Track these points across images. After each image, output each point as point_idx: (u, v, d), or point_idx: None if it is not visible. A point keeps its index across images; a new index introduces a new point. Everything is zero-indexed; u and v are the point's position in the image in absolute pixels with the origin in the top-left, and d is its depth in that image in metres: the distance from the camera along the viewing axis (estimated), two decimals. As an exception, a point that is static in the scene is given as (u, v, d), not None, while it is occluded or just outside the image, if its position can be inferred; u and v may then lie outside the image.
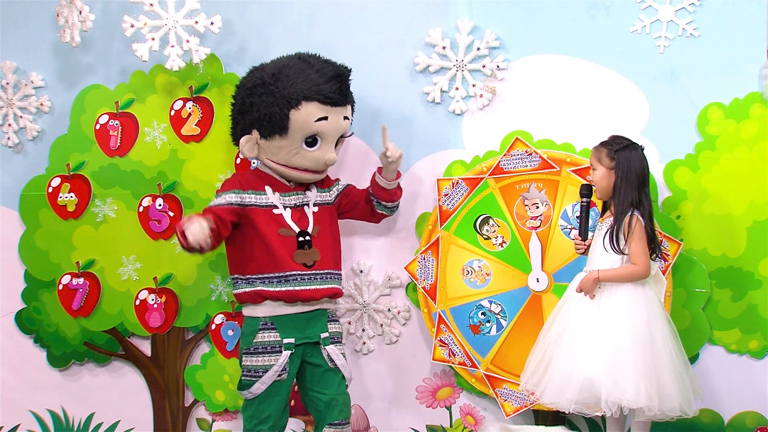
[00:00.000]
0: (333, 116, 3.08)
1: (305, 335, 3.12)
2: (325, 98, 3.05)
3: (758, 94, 3.28)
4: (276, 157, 3.14)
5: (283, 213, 3.14)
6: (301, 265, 3.09)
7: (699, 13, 3.31)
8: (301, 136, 3.09)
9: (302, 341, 3.11)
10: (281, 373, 3.08)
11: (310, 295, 3.09)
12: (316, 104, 3.05)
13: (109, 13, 3.59)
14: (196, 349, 3.64)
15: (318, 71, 3.07)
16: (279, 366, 3.07)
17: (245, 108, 3.14)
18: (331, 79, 3.06)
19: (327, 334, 3.15)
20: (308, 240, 3.12)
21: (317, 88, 3.05)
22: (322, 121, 3.07)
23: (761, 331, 3.29)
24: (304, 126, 3.07)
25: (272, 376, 3.07)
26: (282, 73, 3.08)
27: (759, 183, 3.27)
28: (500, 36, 3.42)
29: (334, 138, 3.15)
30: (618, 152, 3.01)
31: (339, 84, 3.07)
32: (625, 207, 2.99)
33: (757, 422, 3.33)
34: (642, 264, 2.97)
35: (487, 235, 3.42)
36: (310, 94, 3.04)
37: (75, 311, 3.63)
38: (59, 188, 3.64)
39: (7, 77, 3.70)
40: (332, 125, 3.10)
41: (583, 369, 2.92)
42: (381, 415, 3.57)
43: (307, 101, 3.05)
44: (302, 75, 3.06)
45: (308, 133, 3.08)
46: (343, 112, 3.13)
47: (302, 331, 3.11)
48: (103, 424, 3.71)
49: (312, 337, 3.13)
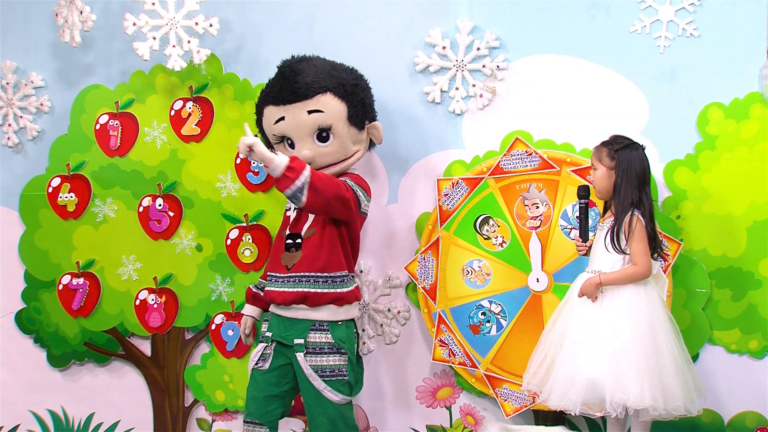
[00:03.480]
0: (289, 114, 3.07)
1: (282, 335, 3.08)
2: (273, 99, 3.09)
3: (758, 94, 3.28)
4: None
5: (291, 215, 3.16)
6: (284, 267, 3.09)
7: (699, 13, 3.32)
8: (274, 140, 3.16)
9: (278, 338, 3.09)
10: (259, 361, 3.09)
11: (281, 297, 3.06)
12: (271, 107, 3.11)
13: (109, 13, 3.59)
14: (196, 349, 3.64)
15: (276, 74, 3.13)
16: (255, 354, 3.11)
17: None
18: (278, 79, 3.09)
19: (302, 341, 3.02)
20: (297, 242, 3.09)
21: (267, 90, 3.13)
22: (280, 122, 3.09)
23: (761, 331, 3.29)
24: (269, 130, 3.15)
25: (251, 364, 3.12)
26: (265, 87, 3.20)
27: (759, 183, 3.27)
28: (500, 36, 3.43)
29: (303, 134, 3.08)
30: (618, 152, 3.01)
31: (286, 81, 3.06)
32: (626, 206, 2.98)
33: (757, 422, 3.33)
34: (643, 264, 2.97)
35: (487, 235, 3.42)
36: (263, 98, 3.14)
37: (75, 311, 3.63)
38: (59, 188, 3.64)
39: (7, 77, 3.70)
40: (290, 123, 3.07)
41: (587, 370, 2.91)
42: (381, 415, 3.57)
43: (264, 106, 3.13)
44: (269, 83, 3.16)
45: (276, 137, 3.14)
46: (303, 107, 3.05)
47: (282, 330, 3.08)
48: (103, 424, 3.71)
49: (286, 340, 3.06)
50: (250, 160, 3.30)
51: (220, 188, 3.57)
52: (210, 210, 3.58)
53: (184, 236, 3.60)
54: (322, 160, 3.11)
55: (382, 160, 3.52)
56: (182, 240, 3.60)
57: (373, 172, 3.52)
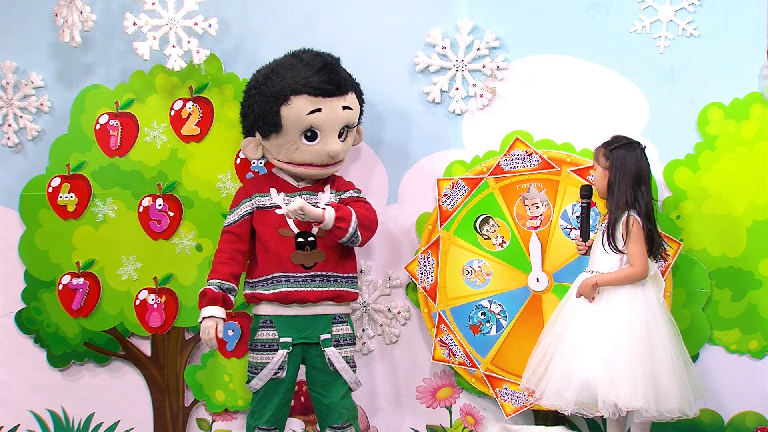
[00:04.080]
0: (327, 107, 3.05)
1: (304, 335, 3.10)
2: (314, 90, 3.03)
3: (758, 94, 3.28)
4: (279, 155, 3.14)
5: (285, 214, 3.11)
6: (299, 267, 3.08)
7: (699, 13, 3.32)
8: (296, 130, 3.07)
9: (300, 341, 3.10)
10: (277, 371, 3.08)
11: (304, 296, 3.07)
12: (305, 97, 3.03)
13: (109, 13, 3.59)
14: (196, 349, 3.64)
15: (307, 64, 3.05)
16: (274, 364, 3.08)
17: (245, 111, 3.18)
18: (319, 71, 3.04)
19: (329, 335, 3.11)
20: (311, 241, 3.10)
21: (305, 80, 3.03)
22: (315, 113, 3.04)
23: (761, 331, 3.29)
24: (297, 120, 3.05)
25: (268, 374, 3.08)
26: (273, 72, 3.09)
27: (759, 183, 3.27)
28: (500, 36, 3.43)
29: (335, 129, 3.10)
30: (613, 151, 3.01)
31: (328, 74, 3.04)
32: (620, 206, 2.98)
33: (757, 422, 3.33)
34: (639, 265, 2.97)
35: (487, 235, 3.42)
36: (298, 87, 3.03)
37: (75, 311, 3.62)
38: (59, 188, 3.64)
39: (7, 77, 3.70)
40: (327, 116, 3.06)
41: (582, 370, 2.92)
42: (381, 415, 3.57)
43: (295, 95, 3.03)
44: (291, 70, 3.06)
45: (303, 127, 3.06)
46: (340, 102, 3.08)
47: (302, 330, 3.10)
48: (103, 424, 3.71)
49: (311, 338, 3.11)
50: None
51: (220, 188, 3.57)
52: (210, 210, 3.58)
53: (184, 236, 3.60)
54: (340, 156, 3.16)
55: (382, 160, 3.52)
56: (182, 240, 3.60)
57: (374, 172, 3.52)
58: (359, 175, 3.45)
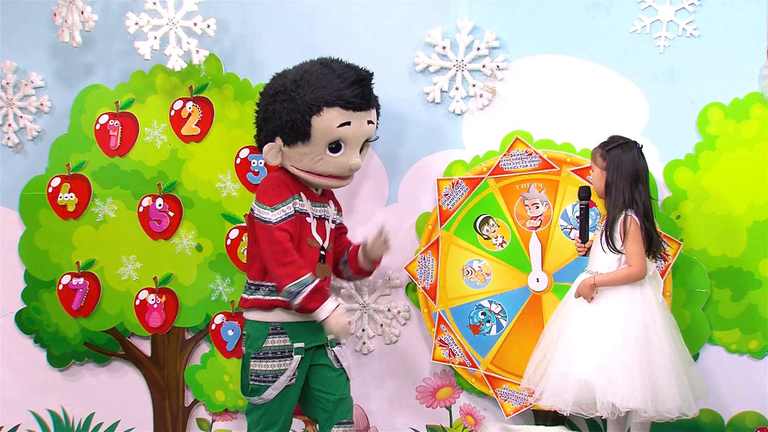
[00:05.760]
0: (356, 121, 3.02)
1: (315, 339, 3.08)
2: (347, 103, 2.99)
3: (758, 94, 3.28)
4: (300, 164, 3.07)
5: (312, 223, 3.08)
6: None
7: (699, 13, 3.31)
8: (324, 142, 3.02)
9: (312, 345, 3.08)
10: (291, 377, 3.05)
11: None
12: (338, 110, 2.99)
13: (109, 13, 3.59)
14: (196, 349, 3.64)
15: (339, 76, 3.00)
16: (291, 371, 3.03)
17: (268, 115, 3.07)
18: (352, 84, 3.00)
19: (332, 335, 3.11)
20: (323, 255, 3.11)
21: (339, 93, 2.98)
22: (344, 126, 3.01)
23: (761, 331, 3.29)
24: (327, 132, 3.01)
25: (284, 381, 3.02)
26: (303, 79, 3.02)
27: (759, 183, 3.27)
28: (500, 36, 3.42)
29: (358, 143, 3.08)
30: (609, 151, 3.02)
31: (361, 88, 3.01)
32: (618, 205, 2.98)
33: (757, 422, 3.33)
34: (637, 265, 2.97)
35: (487, 235, 3.42)
36: (332, 99, 2.98)
37: (75, 311, 3.63)
38: (59, 188, 3.64)
39: (7, 77, 3.70)
40: (355, 130, 3.04)
41: (580, 370, 2.92)
42: (381, 415, 3.57)
43: (328, 107, 2.98)
44: (324, 80, 3.00)
45: (331, 139, 3.02)
46: (366, 117, 3.06)
47: (314, 334, 3.07)
48: (103, 424, 3.71)
49: (321, 340, 3.10)
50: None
51: (220, 188, 3.57)
52: (210, 210, 3.58)
53: (184, 236, 3.60)
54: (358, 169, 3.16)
55: (382, 160, 3.52)
56: (182, 240, 3.60)
57: (373, 172, 3.52)
58: (359, 174, 3.44)
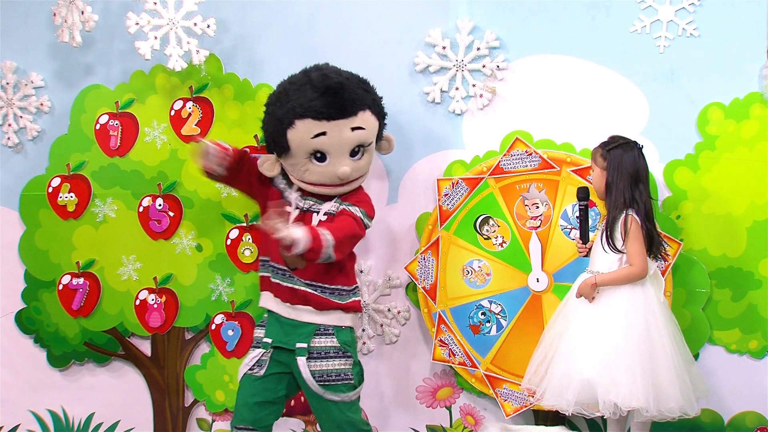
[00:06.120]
0: (332, 130, 2.96)
1: (283, 340, 3.04)
2: (317, 113, 2.94)
3: (758, 94, 3.28)
4: (292, 174, 3.09)
5: (291, 212, 3.07)
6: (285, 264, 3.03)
7: (699, 13, 3.32)
8: (303, 153, 3.00)
9: (278, 345, 3.05)
10: (253, 367, 3.06)
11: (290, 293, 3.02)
12: (309, 121, 2.95)
13: (109, 13, 3.59)
14: (196, 349, 3.64)
15: (314, 86, 2.96)
16: (249, 359, 3.08)
17: (262, 127, 3.11)
18: (324, 94, 2.95)
19: (305, 345, 3.00)
20: None
21: (309, 104, 2.94)
22: (320, 137, 2.96)
23: (761, 331, 3.29)
24: (303, 144, 2.98)
25: (243, 368, 3.08)
26: (285, 91, 3.02)
27: (759, 183, 3.27)
28: (500, 36, 3.43)
29: (343, 151, 3.02)
30: (609, 151, 3.02)
31: (331, 97, 2.95)
32: (619, 205, 2.99)
33: (757, 422, 3.33)
34: (638, 265, 2.97)
35: (487, 235, 3.42)
36: (302, 111, 2.95)
37: (75, 311, 3.62)
38: (59, 188, 3.64)
39: (7, 77, 3.70)
40: (333, 139, 2.98)
41: (582, 370, 2.92)
42: (381, 415, 3.57)
43: (300, 119, 2.96)
44: (299, 92, 2.98)
45: (309, 150, 2.99)
46: (347, 124, 2.98)
47: (284, 334, 3.04)
48: (103, 424, 3.71)
49: (288, 344, 3.03)
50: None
51: (220, 188, 3.56)
52: (210, 210, 3.58)
53: (184, 236, 3.60)
54: (354, 175, 3.06)
55: (382, 160, 3.52)
56: (182, 240, 3.60)
57: (374, 172, 3.52)
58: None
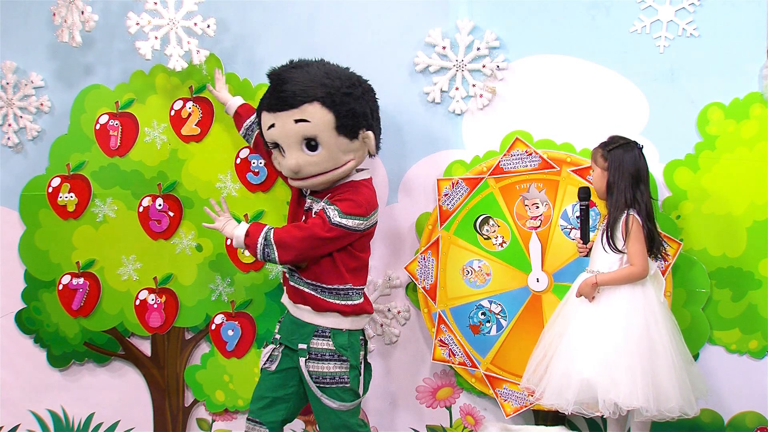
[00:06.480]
0: (279, 121, 3.00)
1: (289, 339, 3.07)
2: (266, 106, 3.04)
3: (758, 94, 3.28)
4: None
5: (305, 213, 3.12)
6: None
7: (699, 13, 3.32)
8: (270, 146, 3.09)
9: (285, 342, 3.08)
10: (266, 362, 3.09)
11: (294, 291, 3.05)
12: (265, 113, 3.05)
13: (109, 13, 3.59)
14: (196, 349, 3.64)
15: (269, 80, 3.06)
16: (263, 354, 3.11)
17: None
18: (271, 86, 3.04)
19: (305, 346, 3.00)
20: None
21: (264, 97, 3.06)
22: (271, 128, 3.03)
23: (761, 331, 3.29)
24: (266, 135, 3.07)
25: (260, 362, 3.11)
26: None
27: (759, 183, 3.27)
28: (500, 36, 3.43)
29: (290, 143, 3.00)
30: (610, 152, 3.02)
31: (274, 89, 3.01)
32: (620, 206, 2.99)
33: (757, 422, 3.33)
34: (639, 264, 2.97)
35: (487, 235, 3.42)
36: (260, 104, 3.08)
37: (75, 311, 3.63)
38: (59, 188, 3.64)
39: (7, 77, 3.70)
40: (279, 131, 3.00)
41: (582, 369, 2.92)
42: (381, 415, 3.57)
43: (261, 111, 3.08)
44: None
45: (270, 142, 3.07)
46: (290, 116, 2.97)
47: (290, 333, 3.07)
48: (103, 424, 3.71)
49: (292, 343, 3.05)
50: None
51: (220, 188, 3.57)
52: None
53: (184, 236, 3.60)
54: (309, 169, 3.01)
55: (382, 160, 3.52)
56: (182, 240, 3.60)
57: (374, 172, 3.51)
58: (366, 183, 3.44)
